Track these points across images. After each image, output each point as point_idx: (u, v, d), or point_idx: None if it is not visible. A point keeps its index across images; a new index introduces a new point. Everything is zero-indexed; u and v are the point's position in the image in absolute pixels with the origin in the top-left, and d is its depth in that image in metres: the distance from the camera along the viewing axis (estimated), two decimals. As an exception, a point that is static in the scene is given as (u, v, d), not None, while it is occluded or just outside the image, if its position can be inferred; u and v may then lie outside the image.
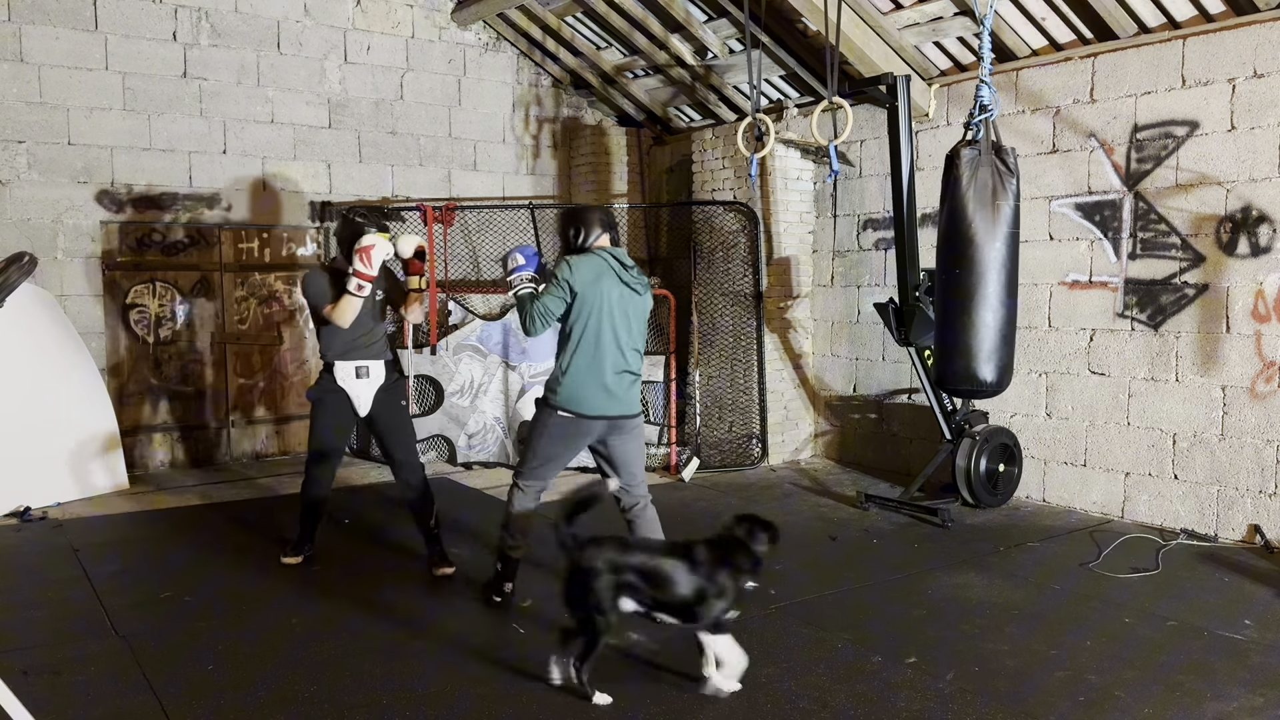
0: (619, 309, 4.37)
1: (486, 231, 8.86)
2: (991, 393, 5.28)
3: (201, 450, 8.25)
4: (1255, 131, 5.61)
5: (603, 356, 4.36)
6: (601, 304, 4.32)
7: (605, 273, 4.35)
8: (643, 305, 4.50)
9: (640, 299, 4.47)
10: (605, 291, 4.33)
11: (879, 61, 6.91)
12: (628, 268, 4.43)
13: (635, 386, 4.51)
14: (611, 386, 4.38)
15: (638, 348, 4.50)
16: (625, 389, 4.44)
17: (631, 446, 4.54)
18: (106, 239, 7.75)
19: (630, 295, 4.41)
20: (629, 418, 4.48)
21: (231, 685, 3.81)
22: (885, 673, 3.92)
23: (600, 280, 4.33)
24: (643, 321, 4.53)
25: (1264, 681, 3.84)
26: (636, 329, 4.48)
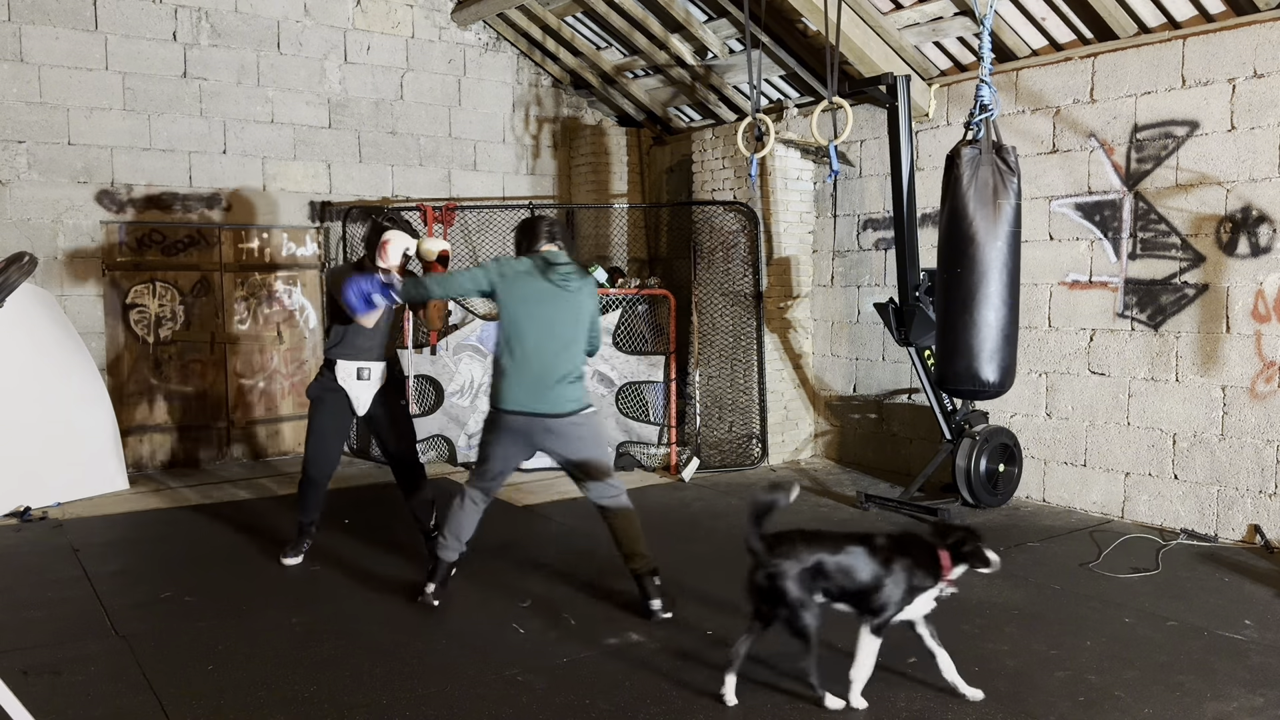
0: (543, 307, 4.38)
1: (486, 231, 8.86)
2: (994, 393, 5.26)
3: (201, 450, 8.25)
4: (1255, 131, 5.62)
5: (526, 355, 4.38)
6: (522, 302, 4.38)
7: (528, 271, 4.41)
8: (573, 302, 4.42)
9: (569, 295, 4.40)
10: (526, 290, 4.38)
11: (879, 61, 6.91)
12: (553, 265, 4.38)
13: (567, 385, 4.43)
14: (536, 384, 4.38)
15: (574, 346, 4.44)
16: (552, 387, 4.39)
17: (575, 447, 4.47)
18: (106, 239, 7.75)
19: (555, 292, 4.38)
20: (558, 417, 4.41)
21: (231, 685, 3.81)
22: (885, 673, 3.92)
23: (520, 278, 4.40)
24: (578, 319, 4.45)
25: (1264, 681, 3.84)
26: (569, 327, 4.42)
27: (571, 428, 4.45)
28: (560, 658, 4.08)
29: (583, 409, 4.51)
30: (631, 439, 7.88)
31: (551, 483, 7.45)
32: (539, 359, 4.39)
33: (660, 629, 4.39)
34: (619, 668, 3.97)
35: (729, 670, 3.66)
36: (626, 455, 7.90)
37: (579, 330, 4.47)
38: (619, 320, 7.91)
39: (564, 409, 4.42)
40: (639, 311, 8.12)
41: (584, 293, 4.47)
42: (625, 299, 8.05)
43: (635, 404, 7.95)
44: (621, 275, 8.80)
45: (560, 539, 5.96)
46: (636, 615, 4.56)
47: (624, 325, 7.95)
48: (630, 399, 7.93)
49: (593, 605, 4.71)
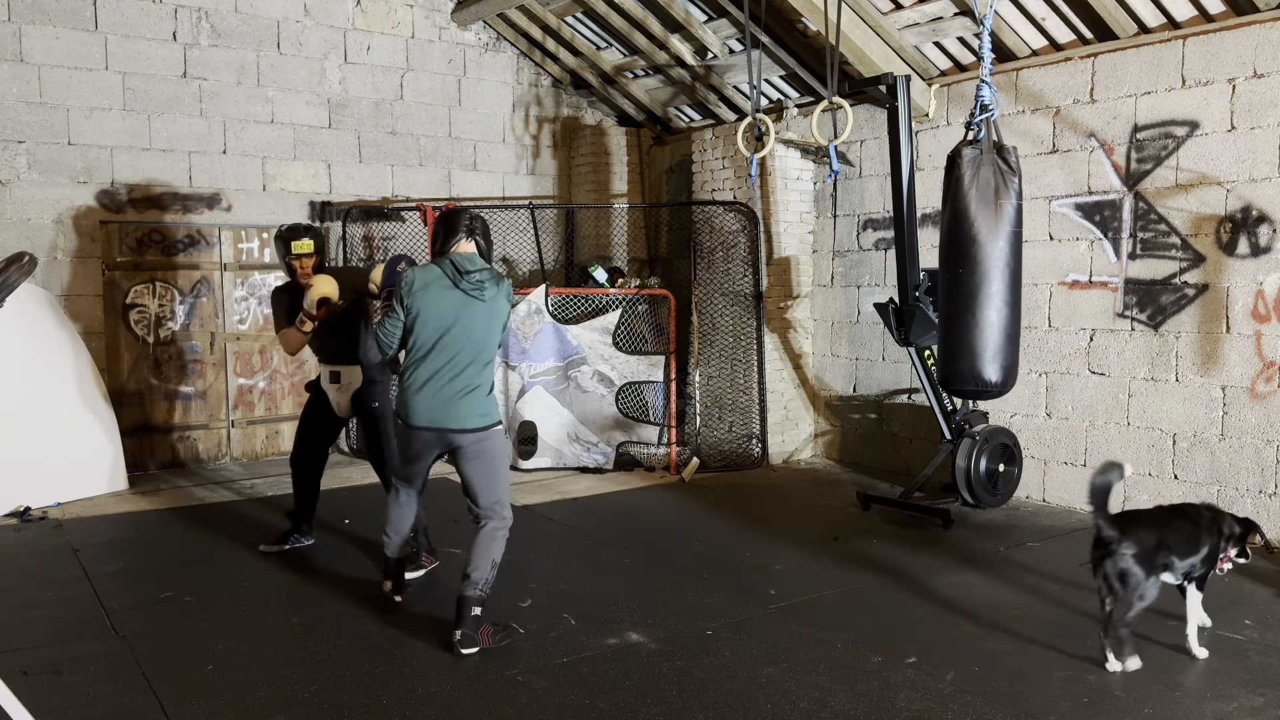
0: (451, 317, 4.17)
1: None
2: (997, 393, 5.24)
3: (201, 450, 8.25)
4: (1255, 131, 5.62)
5: (432, 367, 4.20)
6: (429, 313, 4.17)
7: (436, 280, 4.19)
8: (485, 311, 4.21)
9: (480, 305, 4.18)
10: (435, 300, 4.17)
11: (879, 61, 6.91)
12: (465, 273, 4.17)
13: (473, 399, 4.22)
14: (440, 399, 4.20)
15: (480, 358, 4.23)
16: (457, 401, 4.20)
17: (473, 467, 4.27)
18: (106, 239, 7.75)
19: (466, 302, 4.17)
20: (464, 432, 4.22)
21: (231, 685, 3.81)
22: (885, 673, 3.92)
23: (429, 289, 4.19)
24: (490, 329, 4.24)
25: (1264, 681, 3.84)
26: (478, 338, 4.20)
27: (477, 445, 4.25)
28: (560, 658, 4.08)
29: (492, 425, 4.28)
30: (631, 439, 7.88)
31: (551, 483, 7.46)
32: (445, 372, 4.20)
33: (660, 629, 4.39)
34: (619, 668, 3.97)
35: (1105, 641, 3.96)
36: (626, 455, 7.90)
37: (491, 340, 4.26)
38: (619, 320, 7.91)
39: (471, 424, 4.22)
40: (639, 311, 8.12)
41: (498, 300, 4.26)
42: (625, 299, 8.05)
43: (635, 404, 7.95)
44: (621, 275, 8.80)
45: (560, 539, 5.96)
46: (636, 615, 4.56)
47: (624, 325, 7.95)
48: (630, 399, 7.93)
49: (593, 605, 4.71)
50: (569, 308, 8.06)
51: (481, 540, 4.28)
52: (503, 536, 4.34)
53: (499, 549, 4.31)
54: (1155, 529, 4.02)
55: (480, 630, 4.15)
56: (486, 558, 4.24)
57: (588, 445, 7.88)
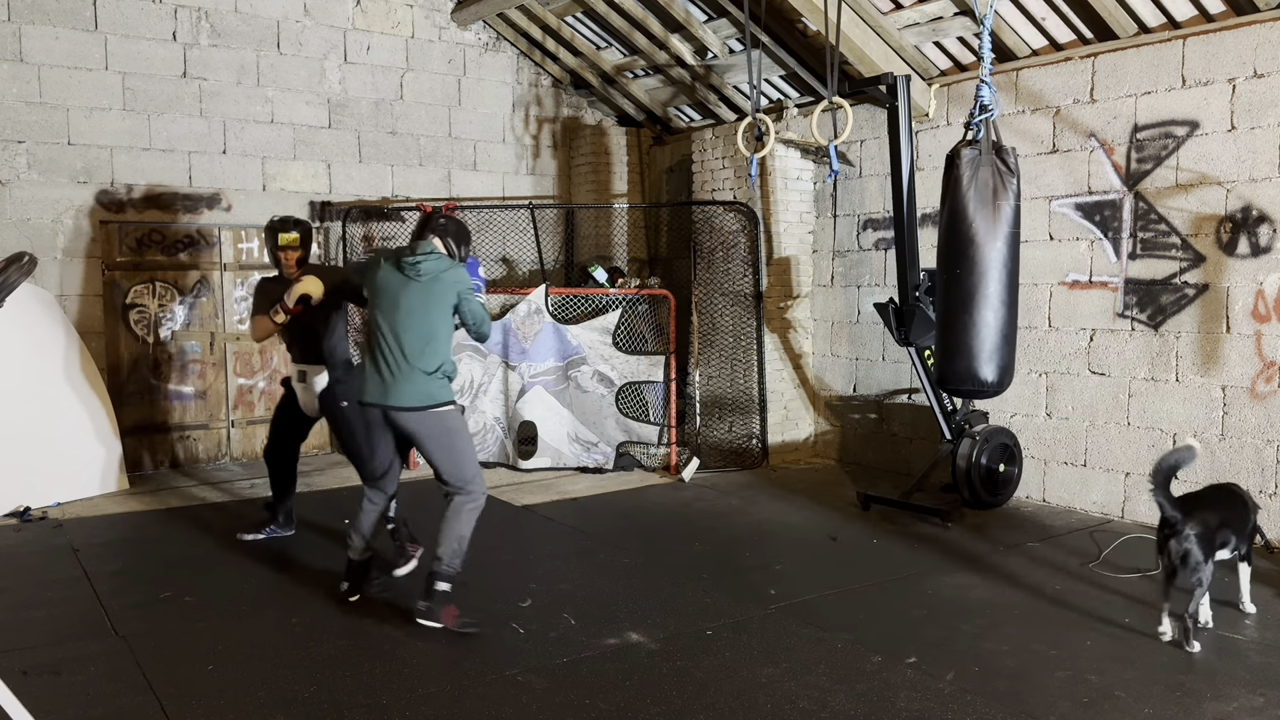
0: (393, 299, 4.36)
1: (486, 231, 8.86)
2: (993, 393, 5.27)
3: (201, 450, 8.25)
4: (1255, 131, 5.62)
5: (378, 347, 4.40)
6: (378, 297, 4.42)
7: (382, 269, 4.44)
8: (421, 291, 4.33)
9: (417, 284, 4.32)
10: (381, 284, 4.41)
11: (879, 61, 6.91)
12: (406, 257, 4.36)
13: (422, 379, 4.34)
14: (386, 377, 4.37)
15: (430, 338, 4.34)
16: (402, 380, 4.33)
17: (428, 446, 4.39)
18: (106, 239, 7.75)
19: (406, 283, 4.34)
20: (407, 410, 4.34)
21: (231, 685, 3.81)
22: (885, 673, 3.92)
23: (376, 272, 4.45)
24: (429, 308, 4.34)
25: (1264, 681, 3.84)
26: (422, 317, 4.33)
27: (424, 423, 4.36)
28: (560, 658, 4.08)
29: (436, 405, 4.37)
30: (631, 439, 7.88)
31: (551, 483, 7.46)
32: (388, 351, 4.36)
33: (660, 629, 4.39)
34: (619, 668, 3.97)
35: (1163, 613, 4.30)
36: (626, 455, 7.90)
37: (435, 320, 4.36)
38: (619, 320, 7.91)
39: (413, 403, 4.34)
40: (639, 311, 8.12)
41: (440, 280, 4.35)
42: (625, 299, 8.05)
43: (635, 404, 7.95)
44: (621, 275, 8.80)
45: (560, 539, 5.96)
46: (636, 615, 4.56)
47: (624, 325, 7.94)
48: (630, 399, 7.93)
49: (593, 605, 4.71)
50: (569, 308, 8.06)
51: (447, 516, 4.38)
52: (470, 510, 4.40)
53: (466, 524, 4.38)
54: (1215, 510, 4.30)
55: (445, 609, 4.25)
56: (452, 534, 4.34)
57: (588, 445, 7.88)
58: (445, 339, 4.43)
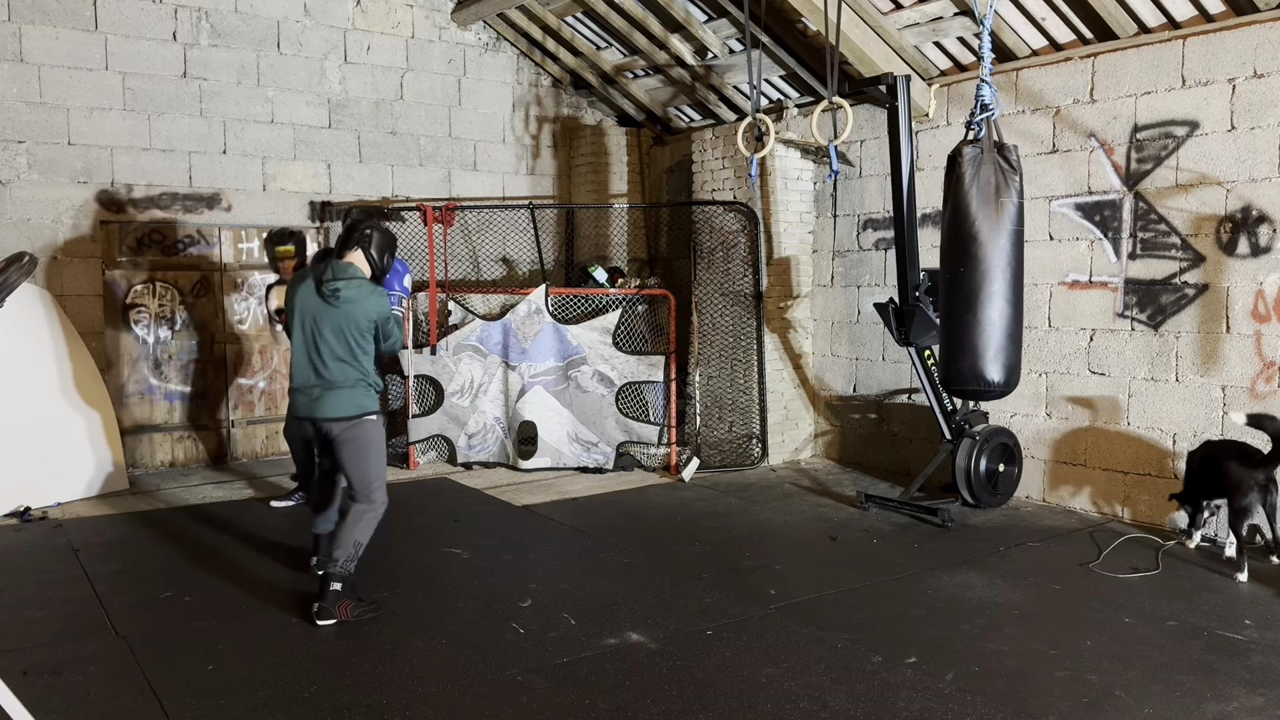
0: (312, 320, 4.56)
1: (486, 231, 8.86)
2: (1000, 393, 5.22)
3: (201, 450, 8.25)
4: (1255, 131, 5.62)
5: (299, 363, 4.63)
6: (299, 317, 4.61)
7: (303, 287, 4.63)
8: (339, 315, 4.51)
9: (334, 310, 4.51)
10: (300, 304, 4.60)
11: (879, 61, 6.91)
12: (325, 281, 4.51)
13: (342, 392, 4.54)
14: (308, 391, 4.60)
15: (346, 355, 4.55)
16: (320, 394, 4.55)
17: (341, 452, 4.58)
18: (106, 239, 7.75)
19: (325, 308, 4.53)
20: (333, 421, 4.55)
21: (231, 685, 3.81)
22: (885, 673, 3.92)
23: (296, 294, 4.64)
24: (345, 331, 4.53)
25: (1264, 681, 3.84)
26: (339, 338, 4.53)
27: (342, 434, 4.56)
28: (560, 658, 4.08)
29: (355, 416, 4.57)
30: (631, 439, 7.88)
31: (551, 483, 7.46)
32: (305, 368, 4.60)
33: (660, 629, 4.39)
34: (619, 668, 3.97)
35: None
36: (626, 455, 7.90)
37: (352, 341, 4.55)
38: (619, 320, 7.91)
39: (328, 414, 4.55)
40: (639, 311, 8.12)
41: (356, 304, 4.52)
42: (625, 299, 8.05)
43: (635, 404, 7.95)
44: (621, 275, 8.80)
45: (560, 539, 5.96)
46: (636, 615, 4.56)
47: (624, 325, 7.94)
48: (630, 399, 7.93)
49: (593, 605, 4.71)
50: (569, 308, 8.06)
51: (348, 521, 4.59)
52: (370, 519, 4.62)
53: (364, 530, 4.60)
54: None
55: (339, 605, 4.47)
56: (349, 538, 4.56)
57: (588, 445, 7.88)
58: (366, 354, 4.63)
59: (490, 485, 7.36)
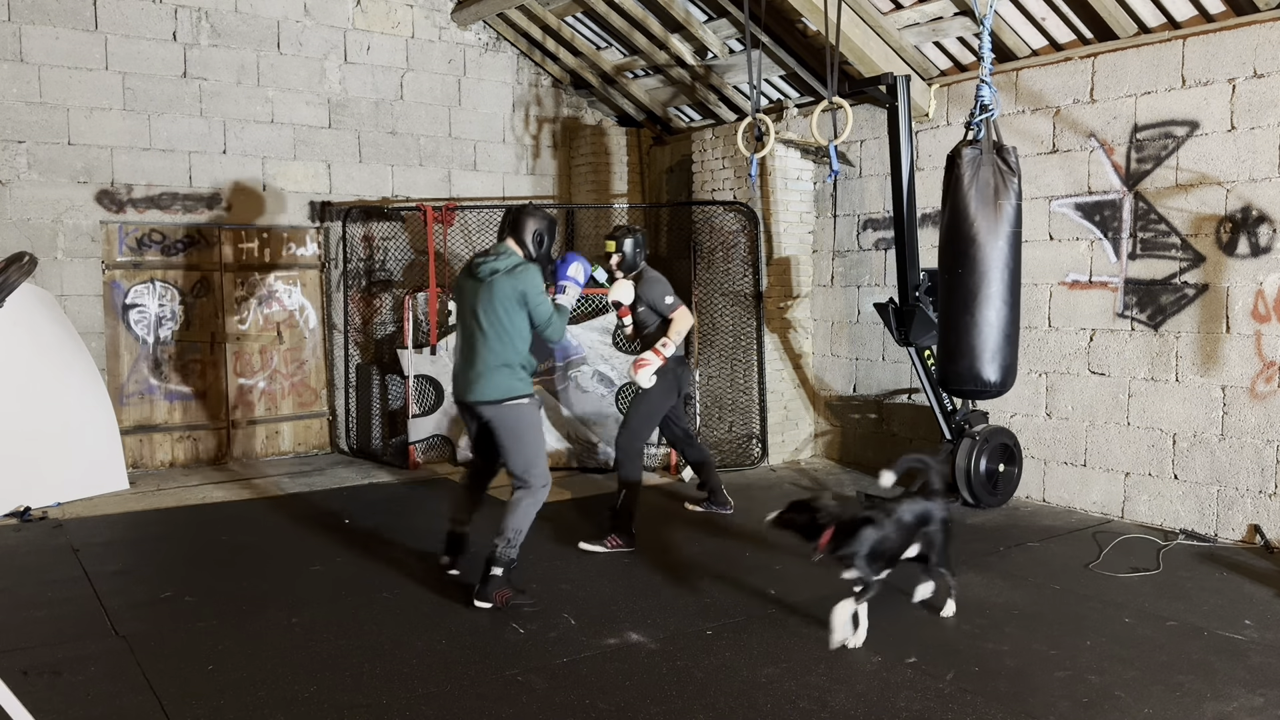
0: (470, 302, 4.70)
1: (486, 231, 8.86)
2: (995, 393, 5.25)
3: (201, 450, 8.25)
4: (1255, 131, 5.62)
5: (461, 348, 4.79)
6: (460, 302, 4.79)
7: (462, 273, 4.82)
8: (488, 291, 4.61)
9: (483, 288, 4.62)
10: (461, 289, 4.79)
11: (879, 61, 6.91)
12: (478, 263, 4.68)
13: (491, 375, 4.62)
14: (466, 374, 4.70)
15: (498, 334, 4.61)
16: (478, 376, 4.65)
17: (498, 437, 4.71)
18: (106, 239, 7.75)
19: (475, 285, 4.67)
20: (483, 404, 4.65)
21: (231, 685, 3.81)
22: (885, 673, 3.92)
23: (459, 280, 4.84)
24: (491, 306, 4.61)
25: (1264, 681, 3.84)
26: (485, 318, 4.62)
27: (497, 416, 4.66)
28: (560, 658, 4.08)
29: (507, 399, 4.64)
30: (631, 439, 7.87)
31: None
32: (466, 351, 4.72)
33: (660, 629, 4.39)
34: (619, 668, 3.97)
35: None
36: (626, 455, 7.89)
37: (501, 319, 4.61)
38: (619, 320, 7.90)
39: (486, 396, 4.64)
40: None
41: (501, 279, 4.60)
42: (625, 299, 8.03)
43: (635, 404, 7.94)
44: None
45: (560, 539, 5.95)
46: (636, 615, 4.56)
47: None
48: (630, 399, 7.92)
49: (592, 605, 4.71)
50: (569, 308, 8.05)
51: (508, 507, 4.69)
52: (528, 504, 4.68)
53: (523, 516, 4.67)
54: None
55: (498, 592, 4.58)
56: (509, 524, 4.64)
57: (587, 445, 7.88)
58: (516, 335, 4.65)
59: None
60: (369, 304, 8.74)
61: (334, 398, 8.77)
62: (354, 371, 8.57)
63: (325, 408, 8.81)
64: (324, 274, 8.70)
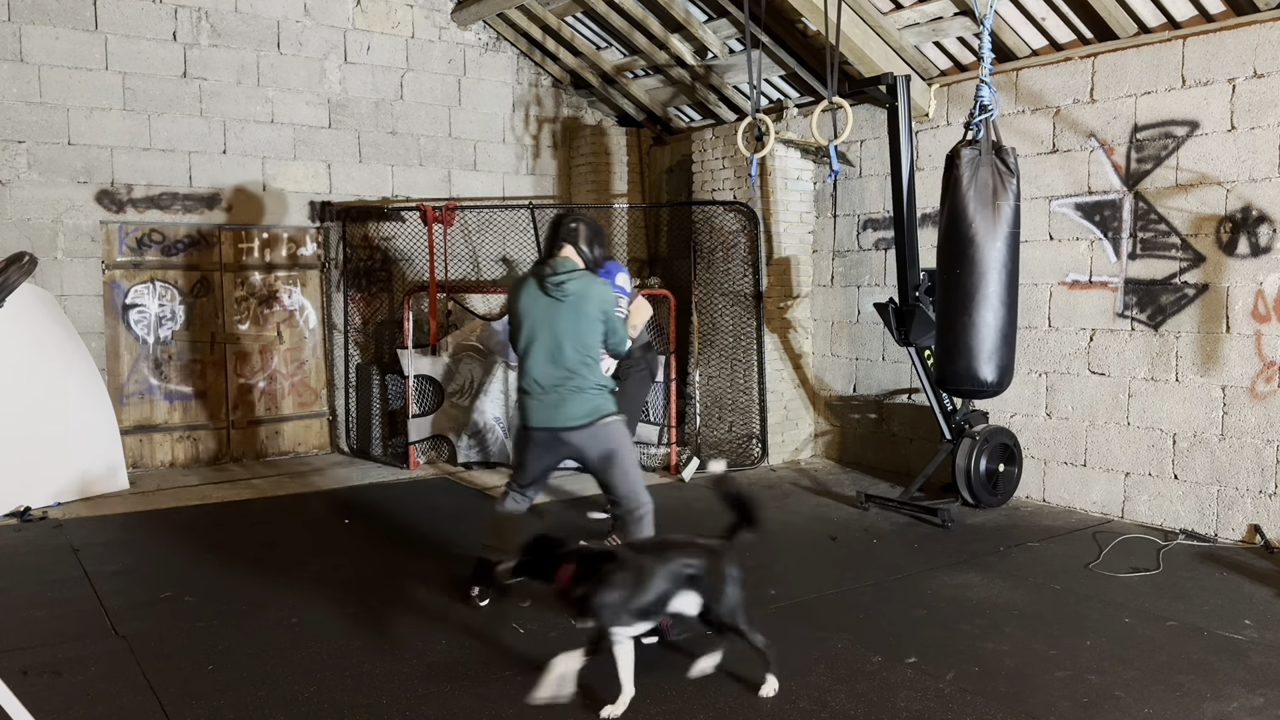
0: (544, 320, 4.36)
1: (486, 231, 8.87)
2: (992, 393, 5.28)
3: (201, 450, 8.25)
4: (1255, 131, 5.61)
5: (533, 369, 4.39)
6: (526, 322, 4.40)
7: (527, 287, 4.43)
8: (569, 310, 4.32)
9: (562, 305, 4.32)
10: (525, 308, 4.40)
11: (879, 61, 6.91)
12: (548, 277, 4.33)
13: (579, 396, 4.34)
14: (546, 398, 4.36)
15: (578, 356, 4.34)
16: (563, 400, 4.34)
17: (594, 464, 4.39)
18: (106, 239, 7.75)
19: (552, 304, 4.33)
20: (574, 429, 4.34)
21: (231, 685, 3.81)
22: (885, 673, 3.92)
23: (521, 296, 4.43)
24: (578, 327, 4.33)
25: (1264, 681, 3.84)
26: (567, 337, 4.32)
27: (587, 439, 4.36)
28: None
29: (600, 418, 4.36)
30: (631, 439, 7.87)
31: (552, 482, 7.44)
32: (544, 373, 4.36)
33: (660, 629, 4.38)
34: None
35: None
36: (626, 455, 7.89)
37: (585, 335, 4.35)
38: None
39: (575, 421, 4.34)
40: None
41: (584, 296, 4.33)
42: (625, 299, 8.04)
43: (635, 404, 7.95)
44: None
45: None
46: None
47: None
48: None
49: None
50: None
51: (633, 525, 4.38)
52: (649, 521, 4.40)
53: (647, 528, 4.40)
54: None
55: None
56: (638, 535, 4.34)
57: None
58: (596, 352, 4.41)
59: (490, 485, 7.36)
60: (369, 304, 8.74)
61: (334, 398, 8.77)
62: (354, 371, 8.57)
63: (325, 408, 8.81)
64: (324, 274, 8.70)
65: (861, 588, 5.00)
